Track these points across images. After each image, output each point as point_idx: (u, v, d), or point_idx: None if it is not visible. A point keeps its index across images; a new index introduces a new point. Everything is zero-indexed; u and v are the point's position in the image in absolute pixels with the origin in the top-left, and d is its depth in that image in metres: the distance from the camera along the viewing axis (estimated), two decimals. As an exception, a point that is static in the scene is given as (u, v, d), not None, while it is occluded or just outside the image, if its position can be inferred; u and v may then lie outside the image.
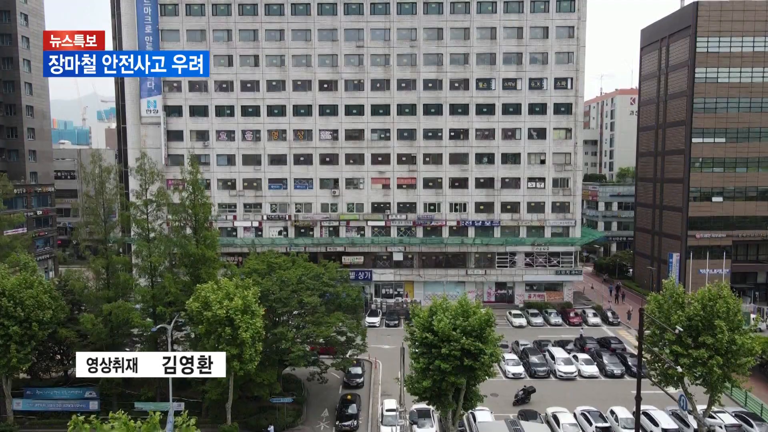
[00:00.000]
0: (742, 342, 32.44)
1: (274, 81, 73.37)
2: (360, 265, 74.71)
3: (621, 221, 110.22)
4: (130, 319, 39.26)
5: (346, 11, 72.25)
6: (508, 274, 74.86)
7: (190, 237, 41.78)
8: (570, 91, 72.59)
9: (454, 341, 32.55)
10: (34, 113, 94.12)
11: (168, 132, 73.85)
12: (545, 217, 73.91)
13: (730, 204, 73.22)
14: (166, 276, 39.53)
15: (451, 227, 74.30)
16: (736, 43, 71.34)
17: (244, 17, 72.39)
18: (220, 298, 36.01)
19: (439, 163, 73.78)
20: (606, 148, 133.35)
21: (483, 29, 72.28)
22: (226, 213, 74.71)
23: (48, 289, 39.78)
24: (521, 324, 67.22)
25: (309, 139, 73.89)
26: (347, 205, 74.43)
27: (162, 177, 45.77)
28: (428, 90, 73.08)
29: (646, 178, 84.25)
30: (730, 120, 72.44)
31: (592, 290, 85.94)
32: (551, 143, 73.15)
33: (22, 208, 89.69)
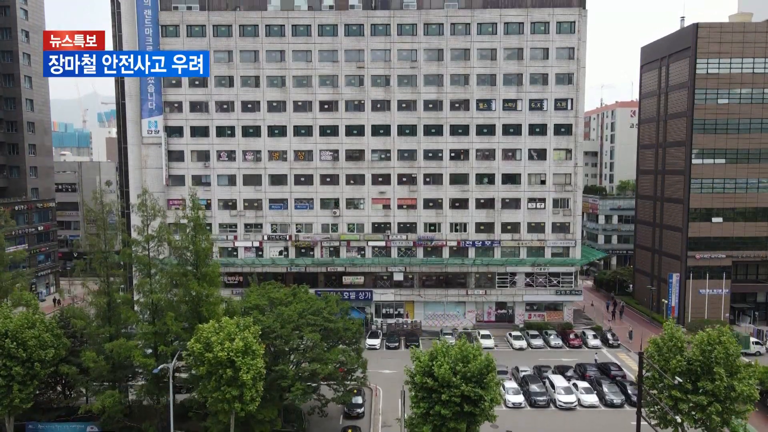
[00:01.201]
0: (741, 389, 32.59)
1: (274, 102, 73.52)
2: (360, 285, 74.90)
3: (621, 234, 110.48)
4: (132, 357, 39.42)
5: (347, 32, 72.38)
6: (508, 294, 75.02)
7: (190, 274, 41.86)
8: (570, 111, 72.73)
9: (454, 387, 32.74)
10: (35, 129, 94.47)
11: (169, 152, 73.99)
12: (545, 238, 74.06)
13: (730, 225, 73.37)
14: (167, 314, 39.66)
15: (452, 247, 74.45)
16: (735, 64, 71.48)
17: (245, 38, 72.54)
18: (221, 339, 36.16)
19: (440, 183, 73.93)
20: (606, 160, 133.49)
21: (483, 50, 72.39)
22: (227, 233, 74.89)
23: (50, 327, 39.96)
24: (521, 346, 67.38)
25: (309, 160, 74.05)
26: (348, 226, 74.60)
27: (163, 213, 45.82)
28: (429, 110, 73.22)
29: (646, 196, 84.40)
30: (730, 141, 72.60)
31: (592, 307, 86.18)
32: (551, 164, 73.29)
33: (24, 224, 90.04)
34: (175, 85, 73.22)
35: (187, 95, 73.48)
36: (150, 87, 73.04)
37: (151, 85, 73.02)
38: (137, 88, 73.09)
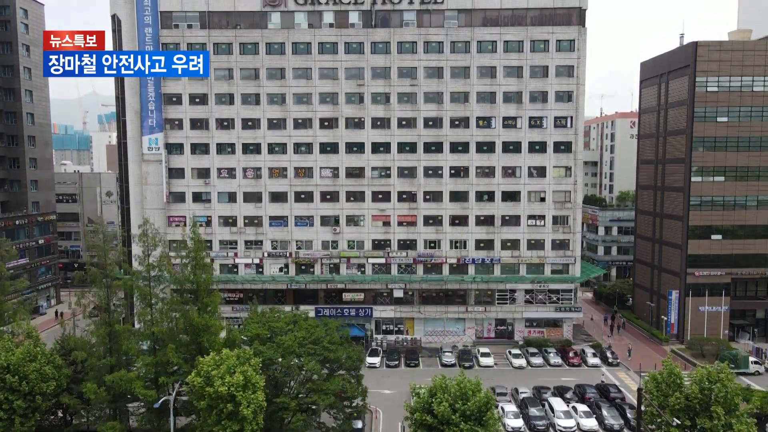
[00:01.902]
0: (739, 429, 32.75)
1: (275, 119, 73.70)
2: (360, 302, 75.10)
3: (621, 246, 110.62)
4: (133, 388, 39.59)
5: (347, 50, 72.53)
6: (508, 311, 75.18)
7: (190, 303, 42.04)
8: (570, 129, 72.89)
9: (453, 425, 32.90)
10: (36, 142, 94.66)
11: (169, 169, 74.15)
12: (545, 255, 74.22)
13: (729, 242, 73.51)
14: (168, 346, 39.84)
15: (452, 264, 74.62)
16: (735, 82, 71.61)
17: (245, 56, 72.67)
18: (221, 373, 36.38)
19: (440, 200, 74.10)
20: (606, 170, 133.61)
21: (483, 68, 72.55)
22: (227, 250, 75.07)
23: (51, 359, 40.13)
24: (521, 365, 67.54)
25: (310, 177, 74.22)
26: (348, 242, 74.77)
27: (164, 241, 45.98)
28: (429, 128, 73.40)
29: (646, 211, 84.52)
30: (729, 158, 72.73)
31: (592, 321, 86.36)
32: (551, 181, 73.45)
33: (24, 238, 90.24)
34: (176, 102, 73.39)
35: (187, 112, 73.65)
36: (150, 104, 73.23)
37: (151, 102, 73.21)
38: (138, 105, 73.27)
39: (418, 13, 72.07)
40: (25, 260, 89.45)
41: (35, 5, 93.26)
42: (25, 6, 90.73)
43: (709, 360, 67.76)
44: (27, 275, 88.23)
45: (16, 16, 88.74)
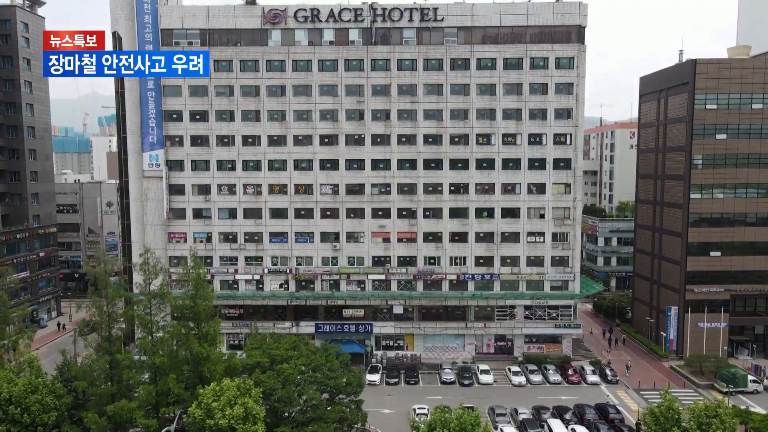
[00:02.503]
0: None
1: (275, 136, 73.90)
2: (360, 318, 75.30)
3: (621, 256, 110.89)
4: (134, 418, 39.81)
5: (347, 67, 72.74)
6: (507, 327, 75.38)
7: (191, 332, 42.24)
8: (569, 146, 73.08)
9: (453, 460, 33.10)
10: (37, 156, 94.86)
11: (170, 186, 74.34)
12: (544, 271, 74.41)
13: (728, 259, 73.69)
14: (169, 376, 40.05)
15: (451, 281, 74.82)
16: (734, 100, 71.80)
17: (246, 73, 72.87)
18: (222, 405, 36.59)
19: (439, 217, 74.31)
20: (606, 179, 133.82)
21: (483, 85, 72.73)
22: (228, 266, 75.26)
23: (52, 389, 40.33)
24: (520, 383, 67.74)
25: (310, 193, 74.43)
26: (348, 259, 74.98)
27: (165, 270, 46.16)
28: (428, 145, 73.60)
29: (646, 226, 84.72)
30: (728, 175, 72.93)
31: (591, 335, 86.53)
32: (550, 198, 73.64)
33: (25, 251, 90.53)
34: (176, 119, 73.60)
35: (188, 129, 73.86)
36: (151, 121, 73.44)
37: (152, 119, 73.41)
38: (139, 122, 73.45)
39: (418, 31, 72.25)
40: (25, 273, 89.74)
41: (36, 19, 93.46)
42: (26, 20, 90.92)
43: (707, 377, 68.04)
44: (27, 290, 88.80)
45: (17, 30, 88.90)
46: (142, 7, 71.43)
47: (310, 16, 71.92)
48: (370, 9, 71.68)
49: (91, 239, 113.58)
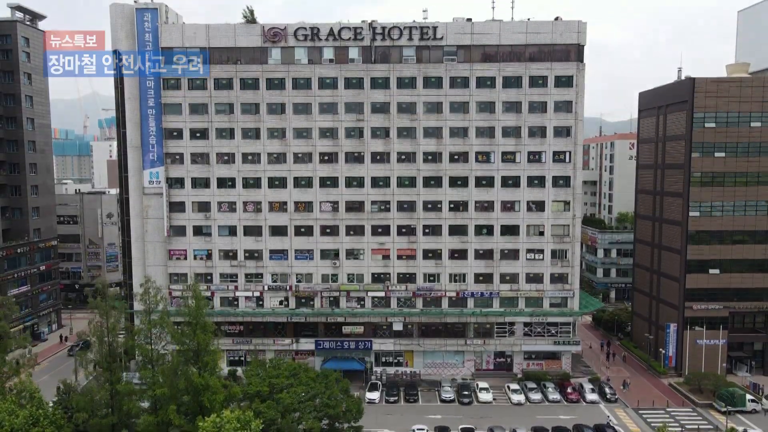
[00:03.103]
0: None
1: (275, 153, 74.11)
2: (360, 335, 75.50)
3: (620, 268, 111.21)
4: (134, 449, 40.07)
5: (347, 85, 72.97)
6: (506, 344, 75.61)
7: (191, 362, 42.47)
8: (568, 164, 73.30)
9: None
10: (38, 170, 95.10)
11: (170, 203, 74.56)
12: (544, 288, 74.62)
13: (727, 276, 73.90)
14: (170, 407, 40.26)
15: (451, 298, 75.04)
16: (732, 118, 72.03)
17: (246, 91, 73.04)
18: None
19: (439, 234, 74.52)
20: (605, 190, 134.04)
21: (482, 103, 72.97)
22: (228, 283, 75.51)
23: (53, 419, 40.51)
24: (519, 401, 67.94)
25: (309, 211, 74.65)
26: (347, 276, 75.21)
27: (165, 300, 46.37)
28: (428, 162, 73.82)
29: (645, 241, 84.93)
30: (727, 193, 73.14)
31: (590, 350, 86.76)
32: (550, 215, 73.86)
33: (26, 265, 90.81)
34: (177, 136, 73.78)
35: (188, 147, 74.07)
36: (151, 138, 73.60)
37: (152, 137, 73.57)
38: (139, 140, 73.61)
39: (417, 49, 72.47)
40: (26, 287, 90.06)
41: (36, 33, 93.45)
42: (27, 34, 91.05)
43: (706, 396, 68.22)
44: (28, 304, 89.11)
45: (18, 44, 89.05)
46: (142, 26, 71.13)
47: (310, 35, 72.14)
48: (369, 28, 71.92)
49: (92, 250, 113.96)
